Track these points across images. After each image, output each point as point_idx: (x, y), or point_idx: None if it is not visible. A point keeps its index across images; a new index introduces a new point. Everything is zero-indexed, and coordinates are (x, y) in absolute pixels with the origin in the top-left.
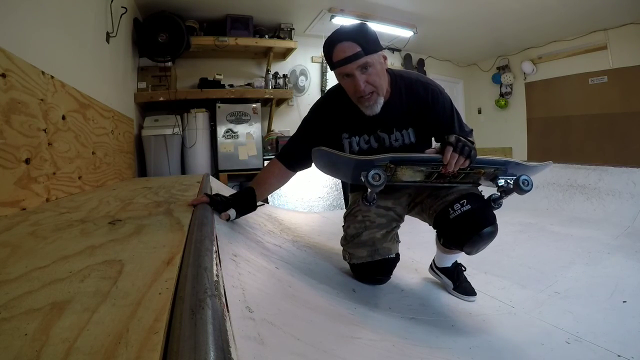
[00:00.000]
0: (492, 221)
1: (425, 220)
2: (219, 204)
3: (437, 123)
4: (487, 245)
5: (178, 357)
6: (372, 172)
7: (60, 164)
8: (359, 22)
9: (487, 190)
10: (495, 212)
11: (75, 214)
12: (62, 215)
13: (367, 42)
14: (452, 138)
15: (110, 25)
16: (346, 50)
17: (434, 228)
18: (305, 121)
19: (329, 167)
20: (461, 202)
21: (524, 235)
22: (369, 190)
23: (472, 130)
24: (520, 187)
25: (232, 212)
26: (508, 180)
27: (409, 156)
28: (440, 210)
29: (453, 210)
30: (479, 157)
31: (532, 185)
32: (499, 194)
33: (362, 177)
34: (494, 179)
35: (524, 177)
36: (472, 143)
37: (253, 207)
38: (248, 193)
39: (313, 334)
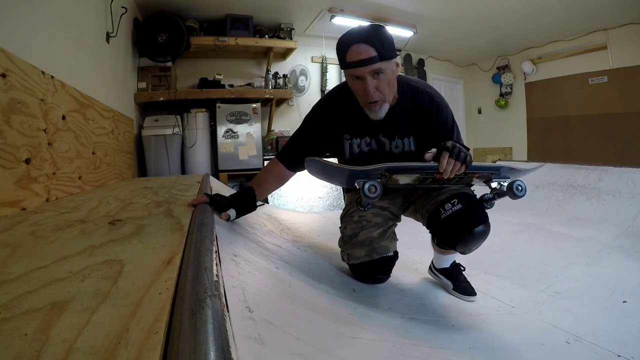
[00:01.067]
0: (483, 220)
1: (419, 220)
2: (218, 204)
3: (436, 135)
4: (480, 244)
5: (178, 357)
6: (367, 185)
7: (60, 164)
8: (377, 24)
9: (479, 189)
10: (488, 211)
11: (75, 214)
12: (62, 215)
13: (383, 47)
14: (449, 143)
15: (110, 25)
16: (361, 52)
17: (427, 228)
18: (307, 121)
19: (323, 175)
20: (452, 202)
21: (524, 235)
22: (364, 199)
23: (469, 149)
24: (514, 193)
25: (232, 212)
26: (501, 183)
27: (405, 165)
28: (432, 210)
29: (444, 210)
30: (474, 163)
31: (525, 190)
32: (492, 195)
33: (356, 185)
34: (487, 181)
35: (518, 182)
36: (467, 149)
37: (253, 207)
38: (248, 193)
39: (313, 334)
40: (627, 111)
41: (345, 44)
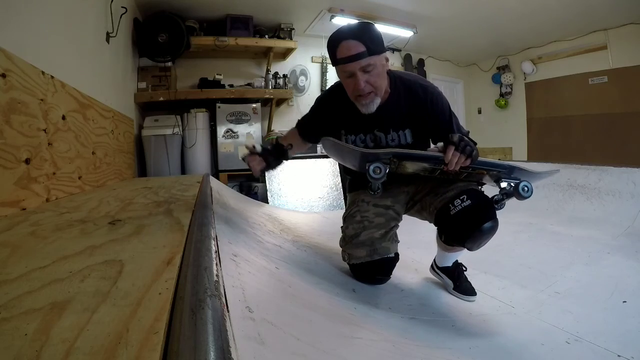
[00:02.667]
0: (492, 216)
1: (425, 218)
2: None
3: (435, 125)
4: (489, 241)
5: (178, 357)
6: (373, 166)
7: (60, 164)
8: (365, 21)
9: (489, 191)
10: (498, 212)
11: (75, 214)
12: (62, 215)
13: (372, 42)
14: (455, 137)
15: (110, 25)
16: (351, 48)
17: (435, 225)
18: (318, 102)
19: (337, 155)
20: (461, 198)
21: (524, 235)
22: (371, 182)
23: (468, 132)
24: (520, 193)
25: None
26: (511, 184)
27: (412, 153)
28: (440, 207)
29: (454, 206)
30: (485, 159)
31: (532, 191)
32: (501, 196)
33: (366, 167)
34: (497, 181)
35: (524, 183)
36: (475, 144)
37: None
38: (277, 146)
39: (313, 334)
40: (627, 111)
41: (334, 42)
